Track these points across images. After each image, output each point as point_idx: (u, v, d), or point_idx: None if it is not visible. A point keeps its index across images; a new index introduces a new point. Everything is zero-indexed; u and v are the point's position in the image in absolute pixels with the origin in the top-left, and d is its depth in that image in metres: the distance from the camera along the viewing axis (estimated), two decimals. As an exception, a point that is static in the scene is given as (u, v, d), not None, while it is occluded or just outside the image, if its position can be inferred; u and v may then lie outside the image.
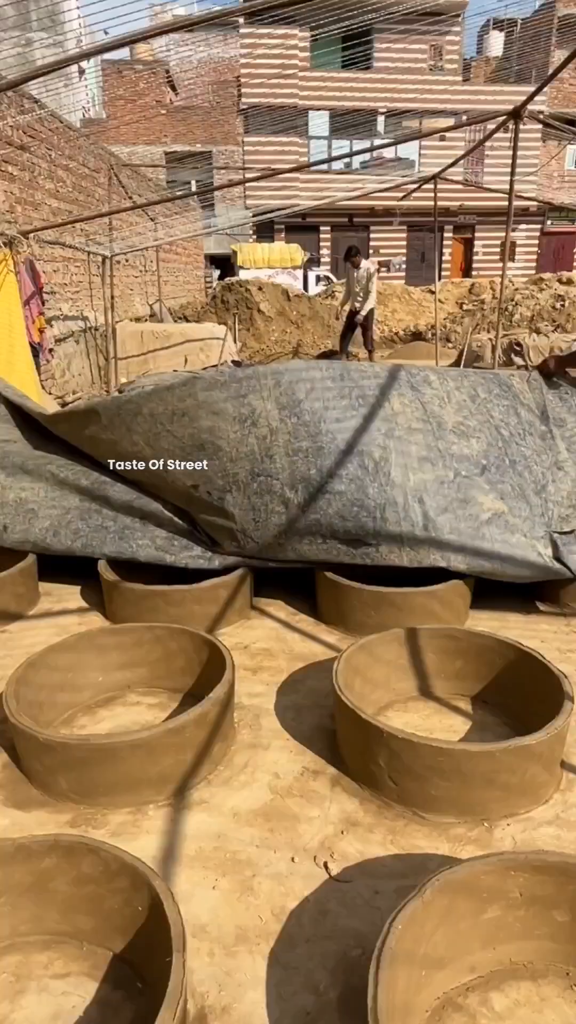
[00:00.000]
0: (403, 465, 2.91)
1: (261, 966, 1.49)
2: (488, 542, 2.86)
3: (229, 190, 23.06)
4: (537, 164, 24.07)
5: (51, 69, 3.68)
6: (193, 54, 25.76)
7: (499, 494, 3.01)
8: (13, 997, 1.41)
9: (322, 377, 3.06)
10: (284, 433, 2.93)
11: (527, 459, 3.21)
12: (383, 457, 2.90)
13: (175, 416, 3.07)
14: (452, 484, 2.94)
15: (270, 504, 2.91)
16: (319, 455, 2.89)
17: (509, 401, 3.37)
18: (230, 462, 2.95)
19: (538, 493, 3.14)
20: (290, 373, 3.05)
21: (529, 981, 1.44)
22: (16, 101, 7.21)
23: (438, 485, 2.92)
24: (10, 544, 3.32)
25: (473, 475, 3.02)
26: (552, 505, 3.14)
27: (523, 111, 5.66)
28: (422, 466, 2.95)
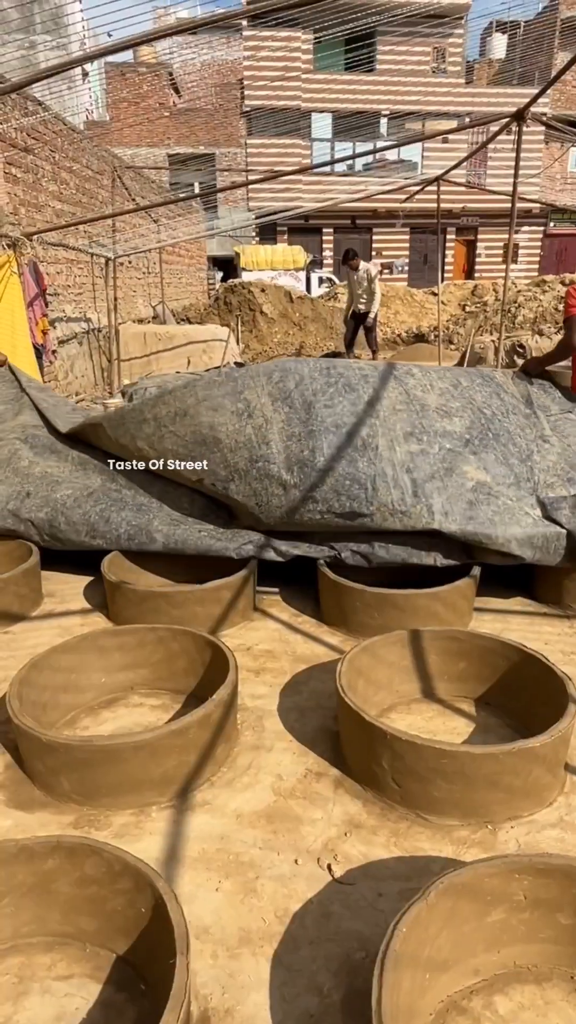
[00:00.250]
0: (389, 440, 3.07)
1: (264, 968, 1.48)
2: (474, 507, 2.97)
3: (232, 192, 23.10)
4: (540, 166, 24.08)
5: (55, 72, 3.70)
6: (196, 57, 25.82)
7: (483, 464, 3.14)
8: (16, 999, 1.41)
9: (310, 371, 3.26)
10: (278, 422, 3.11)
11: (511, 433, 3.32)
12: (370, 435, 3.07)
13: (177, 416, 3.28)
14: (437, 456, 3.09)
15: (269, 488, 3.06)
16: (311, 437, 3.05)
17: (492, 388, 3.51)
18: (230, 452, 3.12)
19: (523, 461, 3.24)
20: (280, 369, 3.28)
21: (533, 984, 1.43)
22: (20, 103, 7.23)
23: (423, 457, 3.07)
24: (28, 511, 3.42)
25: (457, 448, 3.16)
26: (539, 472, 3.23)
27: (526, 113, 5.67)
28: (407, 441, 3.11)
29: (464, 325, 13.69)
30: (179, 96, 26.62)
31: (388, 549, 3.06)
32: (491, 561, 3.04)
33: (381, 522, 2.97)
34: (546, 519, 3.02)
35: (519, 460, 3.25)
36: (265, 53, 23.09)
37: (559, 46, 24.91)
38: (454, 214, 25.23)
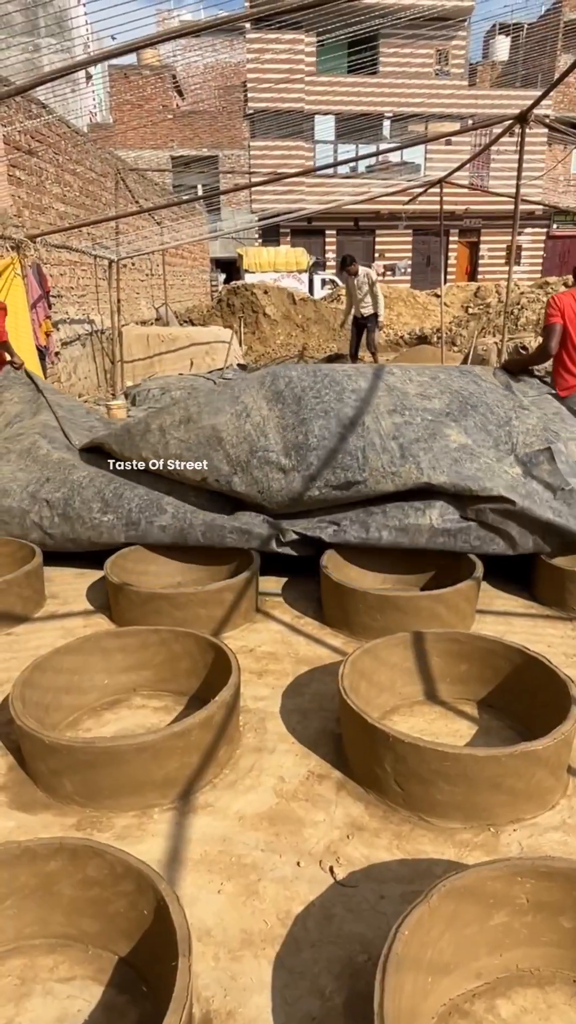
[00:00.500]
0: (375, 417, 3.34)
1: (266, 971, 1.48)
2: (459, 464, 3.17)
3: (235, 194, 23.14)
4: (543, 168, 24.08)
5: (59, 75, 3.71)
6: (200, 59, 25.88)
7: (463, 429, 3.37)
8: (18, 1000, 1.41)
9: (299, 373, 3.57)
10: (273, 417, 3.39)
11: (488, 404, 3.56)
12: (356, 415, 3.33)
13: (181, 423, 3.54)
14: (420, 424, 3.32)
15: (270, 474, 3.27)
16: (303, 424, 3.31)
17: (469, 378, 3.79)
18: (232, 448, 3.35)
19: (501, 426, 3.45)
20: (271, 375, 3.60)
21: (536, 988, 1.43)
22: (24, 106, 7.26)
23: (408, 426, 3.31)
24: (46, 493, 3.59)
25: (439, 418, 3.39)
26: (518, 434, 3.42)
27: (529, 115, 5.67)
28: (391, 415, 3.36)
29: (467, 327, 13.69)
30: (182, 98, 26.67)
31: (389, 532, 3.20)
32: (486, 520, 3.14)
33: (375, 486, 3.16)
34: (526, 477, 3.26)
35: (497, 426, 3.45)
36: (269, 56, 23.14)
37: (562, 48, 24.93)
38: (457, 216, 25.24)
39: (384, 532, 3.19)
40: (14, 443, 4.03)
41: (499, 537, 3.16)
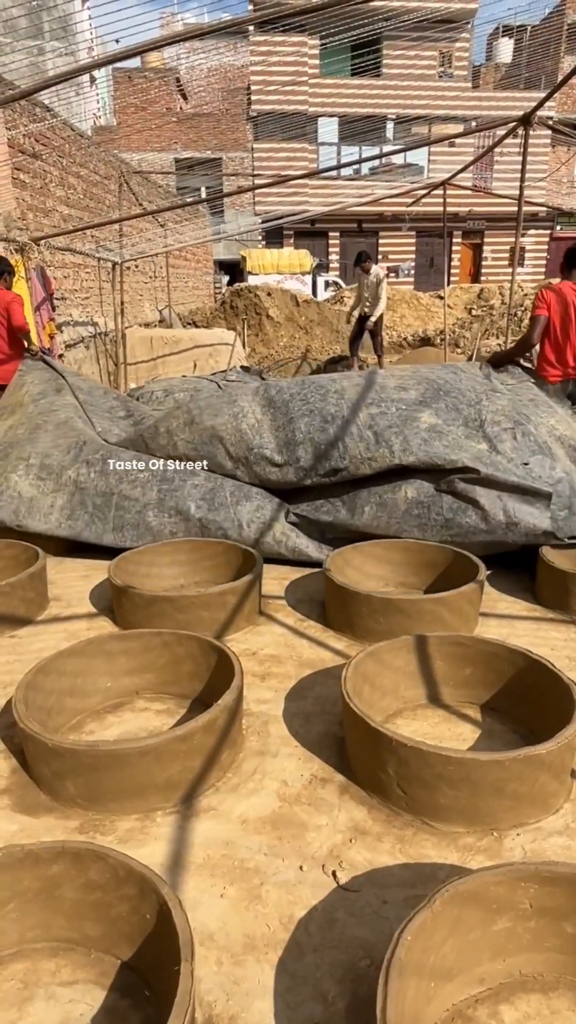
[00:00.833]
0: (354, 411, 3.69)
1: (269, 975, 1.48)
2: (428, 443, 3.49)
3: (238, 196, 23.18)
4: (546, 170, 24.06)
5: (63, 78, 3.72)
6: (203, 62, 25.95)
7: (434, 412, 3.66)
8: (21, 1004, 1.41)
9: (288, 383, 4.01)
10: (267, 420, 3.81)
11: (461, 389, 3.82)
12: (337, 411, 3.70)
13: (185, 425, 3.93)
14: (394, 414, 3.64)
15: (267, 468, 3.71)
16: (291, 423, 3.72)
17: (449, 369, 4.10)
18: (231, 446, 3.77)
19: (471, 406, 3.72)
20: (264, 386, 4.04)
21: (539, 994, 1.43)
22: (28, 110, 7.29)
23: (383, 416, 3.63)
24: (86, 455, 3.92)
25: (412, 407, 3.68)
26: (487, 412, 3.68)
27: (533, 117, 5.67)
28: (368, 407, 3.69)
29: (470, 329, 13.68)
30: (186, 101, 26.75)
31: (371, 507, 3.54)
32: (456, 489, 3.40)
33: (355, 471, 3.54)
34: (491, 451, 3.54)
35: (468, 405, 3.72)
36: (272, 58, 23.19)
37: (565, 50, 24.93)
38: (460, 218, 25.24)
39: (367, 508, 3.53)
40: (50, 416, 4.28)
41: (471, 507, 3.38)
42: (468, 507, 3.37)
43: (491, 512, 3.33)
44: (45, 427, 4.14)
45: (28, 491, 3.79)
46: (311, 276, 20.55)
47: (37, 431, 4.12)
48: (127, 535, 3.67)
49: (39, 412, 4.34)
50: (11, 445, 4.06)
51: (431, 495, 3.44)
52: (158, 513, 3.68)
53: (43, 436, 4.05)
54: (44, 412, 4.32)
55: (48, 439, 4.02)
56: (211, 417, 3.84)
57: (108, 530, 3.70)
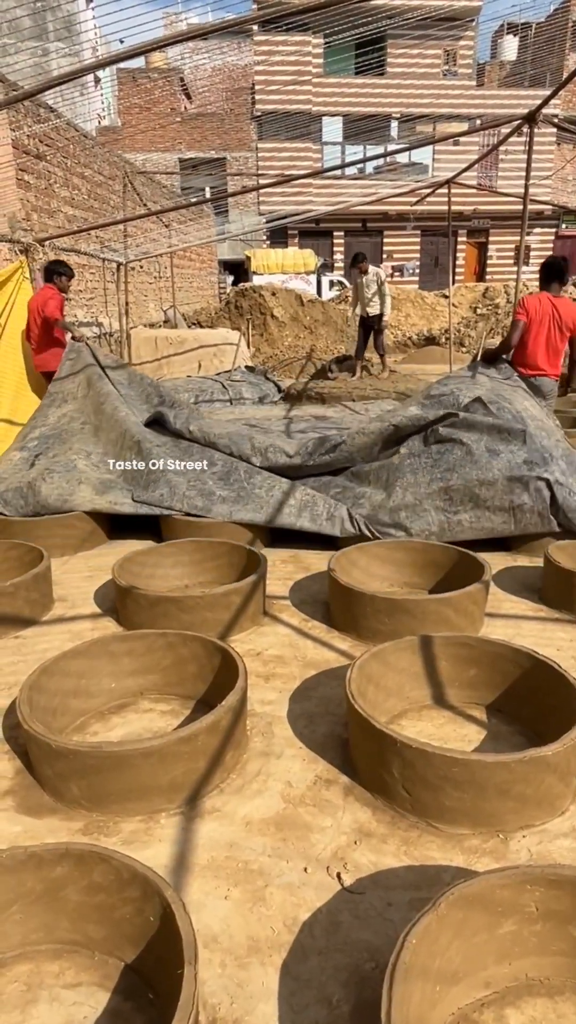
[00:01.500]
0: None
1: (273, 978, 1.47)
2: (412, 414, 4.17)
3: (243, 196, 23.17)
4: (551, 168, 23.97)
5: (67, 79, 3.72)
6: (207, 62, 25.95)
7: (420, 406, 4.24)
8: (24, 1007, 1.41)
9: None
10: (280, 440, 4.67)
11: (444, 393, 4.30)
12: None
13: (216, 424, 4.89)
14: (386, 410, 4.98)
15: (280, 457, 4.35)
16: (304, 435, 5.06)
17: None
18: (257, 443, 4.44)
19: (449, 395, 4.20)
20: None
21: (546, 998, 1.41)
22: (32, 111, 7.29)
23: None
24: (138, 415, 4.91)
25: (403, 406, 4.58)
26: (464, 398, 4.13)
27: (538, 115, 5.64)
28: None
29: (475, 328, 13.64)
30: (190, 101, 26.75)
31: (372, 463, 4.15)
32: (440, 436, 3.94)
33: (352, 442, 4.23)
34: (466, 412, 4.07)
35: (448, 395, 4.21)
36: (276, 57, 23.17)
37: (570, 47, 24.82)
38: (465, 216, 25.17)
39: (371, 476, 4.07)
40: (101, 413, 4.85)
41: (455, 445, 3.85)
42: (453, 446, 3.85)
43: (474, 448, 3.78)
44: (101, 425, 4.79)
45: (88, 473, 4.35)
46: (315, 276, 20.53)
47: (98, 431, 4.77)
48: (158, 494, 4.13)
49: (93, 410, 4.90)
50: (71, 434, 4.74)
51: (421, 449, 3.99)
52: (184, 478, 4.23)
53: (101, 434, 4.73)
54: (96, 410, 4.88)
55: (104, 436, 4.71)
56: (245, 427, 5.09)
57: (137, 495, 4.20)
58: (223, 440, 4.44)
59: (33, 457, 4.59)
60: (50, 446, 4.66)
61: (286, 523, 3.88)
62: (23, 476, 4.33)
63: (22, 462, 4.58)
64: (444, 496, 3.71)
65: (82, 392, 5.06)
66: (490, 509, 3.65)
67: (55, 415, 4.93)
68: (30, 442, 4.77)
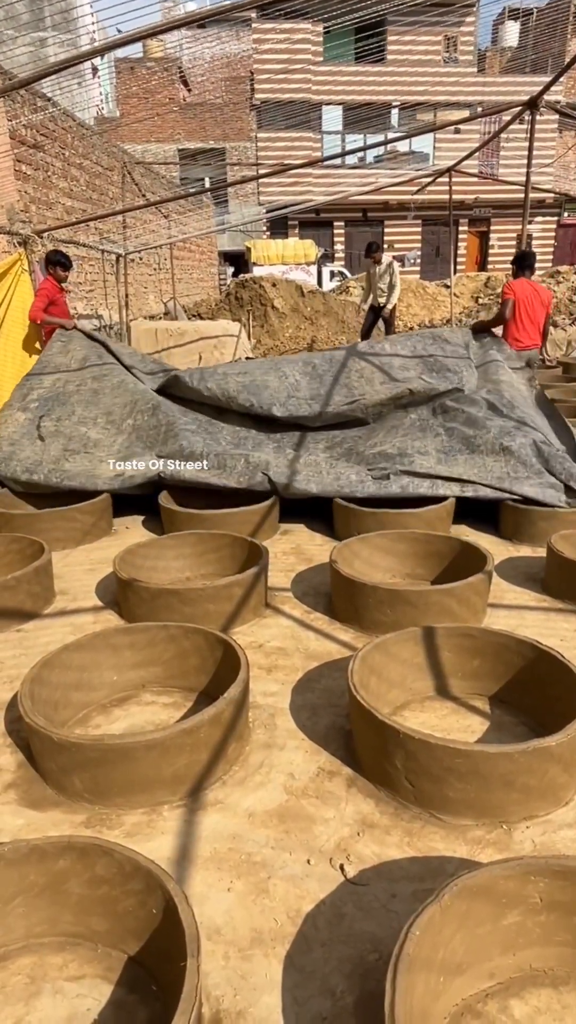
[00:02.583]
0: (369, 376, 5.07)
1: (276, 970, 1.47)
2: (424, 382, 4.82)
3: (242, 186, 23.04)
4: (553, 155, 23.78)
5: (62, 67, 3.68)
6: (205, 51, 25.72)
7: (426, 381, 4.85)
8: (28, 999, 1.41)
9: (320, 359, 5.26)
10: (304, 381, 5.02)
11: (447, 367, 5.01)
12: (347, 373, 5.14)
13: (239, 372, 5.05)
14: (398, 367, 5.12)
15: (300, 405, 4.80)
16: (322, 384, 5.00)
17: (433, 339, 5.34)
18: (275, 393, 4.85)
19: (455, 372, 4.91)
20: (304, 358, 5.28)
21: (550, 988, 1.41)
22: (29, 100, 7.23)
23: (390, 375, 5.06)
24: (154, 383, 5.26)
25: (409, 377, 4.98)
26: (465, 379, 4.85)
27: (539, 101, 5.58)
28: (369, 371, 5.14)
29: (477, 317, 13.56)
30: (189, 91, 26.54)
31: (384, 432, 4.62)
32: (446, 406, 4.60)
33: (370, 399, 4.79)
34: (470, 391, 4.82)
35: (452, 372, 4.92)
36: (274, 46, 22.95)
37: (573, 32, 24.55)
38: (467, 205, 25.00)
39: (380, 431, 4.61)
40: (103, 381, 5.08)
41: (458, 414, 4.46)
42: (457, 414, 4.48)
43: (473, 414, 4.41)
44: (103, 391, 5.01)
45: (95, 436, 4.68)
46: (316, 266, 20.40)
47: (97, 395, 4.99)
48: (169, 449, 4.42)
49: (93, 377, 5.12)
50: (68, 396, 4.96)
51: (428, 415, 4.62)
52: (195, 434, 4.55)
53: (103, 398, 4.96)
54: (98, 377, 5.11)
55: (108, 399, 4.94)
56: (262, 375, 4.99)
57: (156, 451, 4.48)
58: (242, 394, 4.80)
59: (38, 419, 4.78)
60: (52, 408, 4.85)
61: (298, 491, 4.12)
62: (43, 451, 4.56)
63: (28, 423, 4.79)
64: (446, 445, 4.31)
65: (76, 365, 5.23)
66: (483, 452, 4.17)
67: (49, 380, 5.12)
68: (31, 403, 4.92)
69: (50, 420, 4.74)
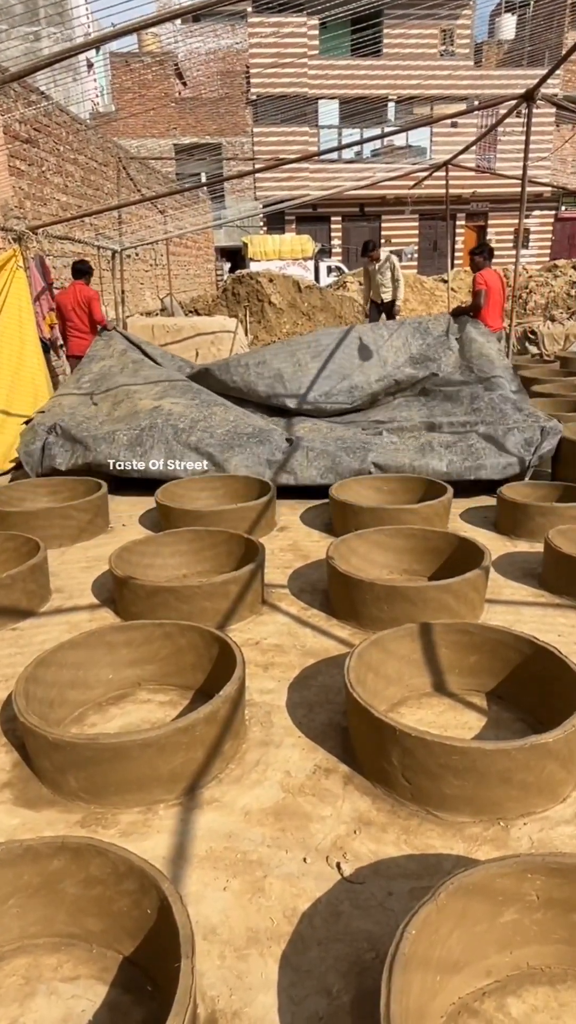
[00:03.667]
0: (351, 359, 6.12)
1: (272, 969, 1.46)
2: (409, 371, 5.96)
3: (239, 181, 22.95)
4: (551, 148, 23.69)
5: (55, 60, 3.65)
6: (201, 45, 25.59)
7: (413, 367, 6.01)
8: (23, 1000, 1.40)
9: (328, 341, 6.13)
10: (313, 364, 5.93)
11: (430, 356, 6.00)
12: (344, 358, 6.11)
13: (260, 363, 5.96)
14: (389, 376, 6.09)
15: (307, 394, 5.76)
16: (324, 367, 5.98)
17: (416, 327, 6.21)
18: (288, 381, 5.81)
19: (435, 360, 5.92)
20: (314, 342, 6.15)
21: (547, 986, 1.40)
22: (23, 95, 7.18)
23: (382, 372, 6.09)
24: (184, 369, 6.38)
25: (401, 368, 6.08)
26: (443, 367, 5.87)
27: (535, 94, 5.55)
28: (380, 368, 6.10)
29: (474, 312, 13.51)
30: (184, 85, 26.40)
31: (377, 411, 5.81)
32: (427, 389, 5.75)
33: (367, 389, 5.86)
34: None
35: (433, 360, 5.93)
36: (271, 40, 22.82)
37: (569, 25, 24.44)
38: (464, 199, 24.90)
39: (372, 413, 5.72)
40: (141, 364, 5.97)
41: (438, 392, 5.51)
42: (436, 393, 5.56)
43: (448, 392, 5.47)
44: (141, 369, 5.88)
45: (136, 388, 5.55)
46: (313, 262, 20.33)
47: (137, 372, 5.82)
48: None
49: (132, 361, 5.98)
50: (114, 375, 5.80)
51: (413, 396, 5.76)
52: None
53: (142, 371, 5.84)
54: (136, 362, 5.98)
55: (145, 372, 5.83)
56: (277, 361, 5.92)
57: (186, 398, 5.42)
58: (261, 386, 5.79)
59: (90, 395, 5.60)
60: (100, 384, 5.72)
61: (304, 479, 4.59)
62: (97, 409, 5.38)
63: (82, 397, 5.59)
64: (427, 412, 5.38)
65: (117, 355, 6.11)
66: (455, 403, 5.30)
67: (96, 367, 5.96)
68: (83, 384, 5.76)
69: (99, 392, 5.64)
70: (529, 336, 10.80)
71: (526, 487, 4.15)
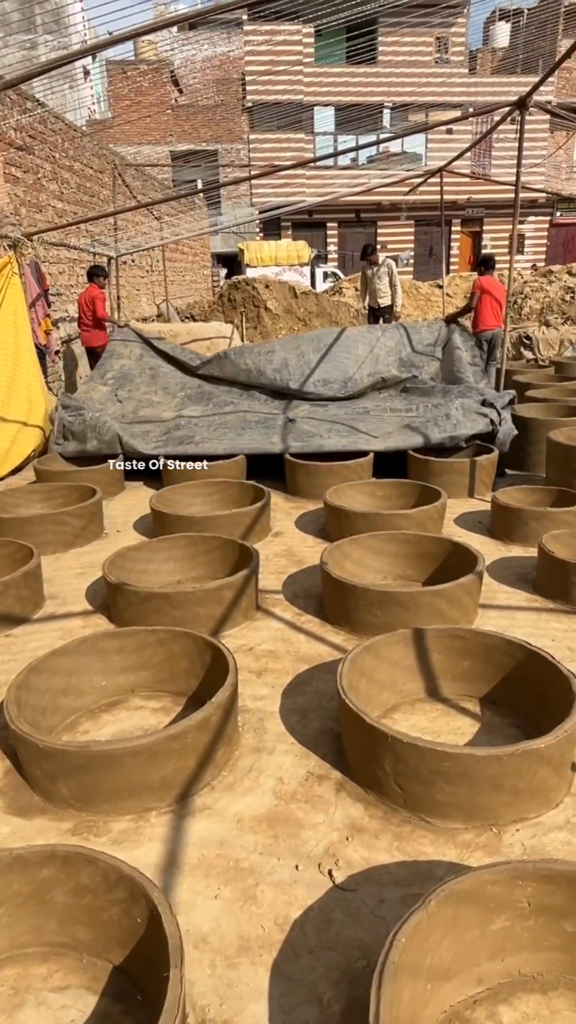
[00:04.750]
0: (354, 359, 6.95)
1: (263, 978, 1.45)
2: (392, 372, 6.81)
3: (235, 188, 23.03)
4: (545, 154, 23.83)
5: (51, 67, 3.66)
6: (197, 52, 25.70)
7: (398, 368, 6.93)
8: (11, 1011, 1.39)
9: (308, 341, 7.01)
10: (294, 359, 6.75)
11: (415, 363, 6.96)
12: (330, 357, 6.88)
13: (265, 352, 6.78)
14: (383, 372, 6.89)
15: (291, 384, 6.60)
16: (308, 364, 6.75)
17: (400, 330, 7.27)
18: (293, 369, 6.66)
19: (419, 367, 6.85)
20: (294, 341, 7.02)
21: (539, 994, 1.40)
22: (19, 103, 7.21)
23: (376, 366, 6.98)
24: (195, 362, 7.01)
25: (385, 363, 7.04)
26: (424, 372, 6.83)
27: (529, 100, 5.58)
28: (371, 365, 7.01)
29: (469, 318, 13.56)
30: (180, 93, 26.50)
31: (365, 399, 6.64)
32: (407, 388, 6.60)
33: (358, 384, 6.63)
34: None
35: (417, 367, 6.89)
36: (266, 47, 22.93)
37: (563, 32, 24.61)
38: (459, 205, 25.02)
39: (360, 403, 6.42)
40: (157, 369, 6.81)
41: (416, 389, 6.36)
42: (415, 389, 6.41)
43: (425, 388, 6.32)
44: (158, 375, 6.78)
45: (157, 399, 6.46)
46: (309, 267, 20.38)
47: (154, 378, 6.73)
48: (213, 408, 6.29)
49: (149, 367, 6.81)
50: (133, 379, 6.68)
51: (396, 393, 6.56)
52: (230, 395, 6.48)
53: (159, 379, 6.71)
54: (152, 367, 6.82)
55: (162, 380, 6.72)
56: (285, 352, 6.77)
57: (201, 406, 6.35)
58: (269, 370, 6.56)
59: (115, 391, 6.49)
60: (123, 383, 6.61)
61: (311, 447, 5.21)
62: (123, 407, 6.25)
63: (109, 392, 6.48)
64: (408, 401, 6.21)
65: (134, 357, 6.91)
66: (431, 396, 6.11)
67: (117, 364, 6.81)
68: (108, 379, 6.63)
69: (123, 391, 6.50)
70: (524, 341, 10.84)
71: (520, 491, 4.16)
